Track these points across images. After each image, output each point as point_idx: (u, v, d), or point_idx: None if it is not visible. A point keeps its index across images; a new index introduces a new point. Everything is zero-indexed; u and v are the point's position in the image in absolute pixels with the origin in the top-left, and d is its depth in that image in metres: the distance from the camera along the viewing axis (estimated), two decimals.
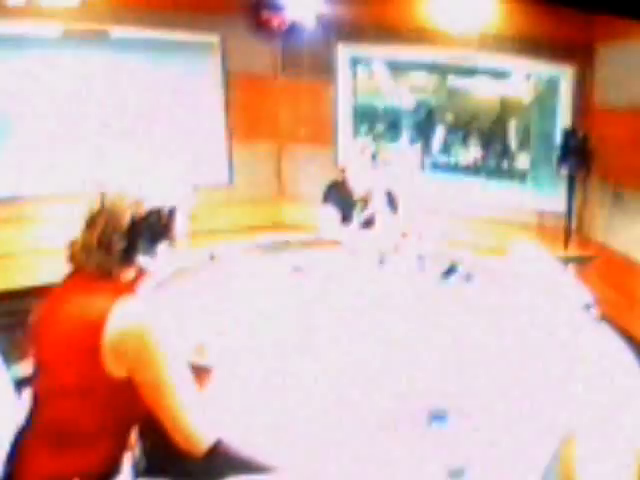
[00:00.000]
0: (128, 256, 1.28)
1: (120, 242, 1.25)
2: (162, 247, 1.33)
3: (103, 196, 1.26)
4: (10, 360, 1.49)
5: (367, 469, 1.29)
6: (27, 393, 1.38)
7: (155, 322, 1.22)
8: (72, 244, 1.29)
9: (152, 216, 1.28)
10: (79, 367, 1.21)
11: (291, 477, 1.24)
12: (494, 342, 1.91)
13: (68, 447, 1.25)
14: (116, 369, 1.21)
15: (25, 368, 1.40)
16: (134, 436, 1.45)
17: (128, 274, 1.31)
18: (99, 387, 1.22)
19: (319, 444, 1.36)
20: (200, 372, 1.43)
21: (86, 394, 1.23)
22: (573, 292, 2.03)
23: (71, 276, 1.31)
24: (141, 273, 1.34)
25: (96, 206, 1.26)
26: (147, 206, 1.27)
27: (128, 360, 1.21)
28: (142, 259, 1.30)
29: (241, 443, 1.29)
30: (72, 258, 1.29)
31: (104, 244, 1.25)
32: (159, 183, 1.32)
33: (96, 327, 1.18)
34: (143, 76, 4.38)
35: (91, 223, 1.26)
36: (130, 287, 1.31)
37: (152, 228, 1.29)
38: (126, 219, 1.25)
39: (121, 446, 1.35)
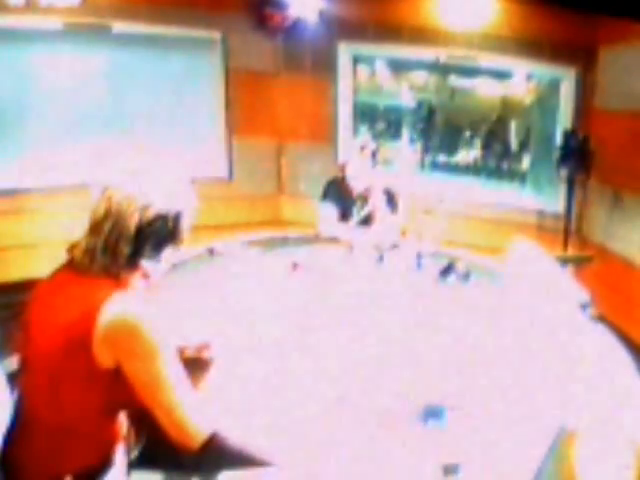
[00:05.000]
0: (134, 261, 1.27)
1: (126, 247, 1.24)
2: (168, 251, 1.33)
3: (109, 200, 1.24)
4: (4, 353, 1.48)
5: (364, 466, 1.28)
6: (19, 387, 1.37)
7: (149, 316, 1.21)
8: (73, 247, 1.27)
9: (158, 221, 1.27)
10: (71, 359, 1.20)
11: (288, 475, 1.24)
12: (491, 341, 1.91)
13: (61, 440, 1.25)
14: (107, 361, 1.20)
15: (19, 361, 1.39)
16: (127, 428, 1.45)
17: (133, 277, 1.30)
18: (91, 379, 1.21)
19: (317, 442, 1.35)
20: (197, 368, 1.43)
21: (78, 386, 1.22)
22: (570, 292, 2.03)
23: (61, 269, 1.30)
24: (145, 275, 1.33)
25: (102, 211, 1.24)
26: (154, 211, 1.26)
27: (119, 352, 1.20)
28: (147, 263, 1.29)
29: (239, 440, 1.28)
30: (74, 261, 1.26)
31: (110, 249, 1.23)
32: (165, 188, 1.30)
33: (89, 319, 1.18)
34: (144, 72, 4.37)
35: (96, 227, 1.24)
36: (126, 282, 1.30)
37: (158, 233, 1.28)
38: (133, 224, 1.23)
39: (114, 438, 1.34)
